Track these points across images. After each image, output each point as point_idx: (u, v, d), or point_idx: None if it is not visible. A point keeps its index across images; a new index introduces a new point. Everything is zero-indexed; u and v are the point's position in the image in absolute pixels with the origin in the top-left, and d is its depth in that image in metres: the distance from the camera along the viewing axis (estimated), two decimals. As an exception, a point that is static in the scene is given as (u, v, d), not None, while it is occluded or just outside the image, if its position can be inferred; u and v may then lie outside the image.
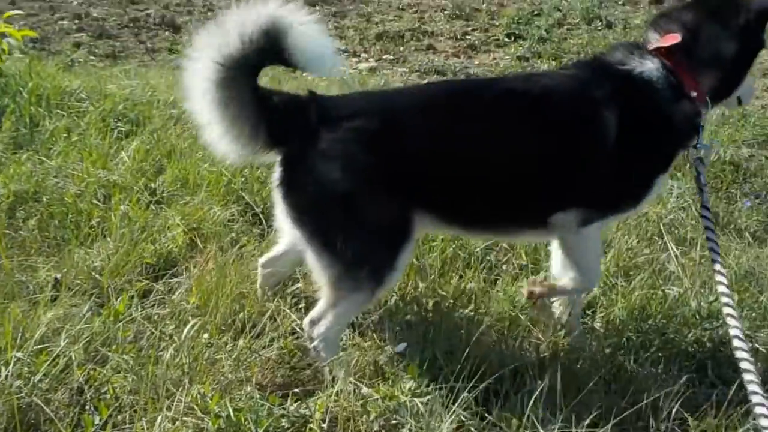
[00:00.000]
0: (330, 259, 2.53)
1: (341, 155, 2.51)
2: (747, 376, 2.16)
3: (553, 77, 2.96)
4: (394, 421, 2.26)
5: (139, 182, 3.86)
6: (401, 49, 8.35)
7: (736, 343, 2.26)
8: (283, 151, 2.58)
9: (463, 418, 2.30)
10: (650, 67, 2.72)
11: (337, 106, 2.65)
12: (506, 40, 8.88)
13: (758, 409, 2.05)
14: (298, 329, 2.81)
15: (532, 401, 2.30)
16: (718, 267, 2.49)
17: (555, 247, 3.03)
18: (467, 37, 8.95)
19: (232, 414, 2.13)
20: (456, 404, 2.27)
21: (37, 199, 3.64)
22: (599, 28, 9.47)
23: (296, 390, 2.44)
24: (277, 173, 2.60)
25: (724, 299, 2.39)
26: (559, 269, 2.98)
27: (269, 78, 6.12)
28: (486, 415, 2.36)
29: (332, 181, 2.50)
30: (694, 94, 2.69)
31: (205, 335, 2.64)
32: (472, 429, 2.29)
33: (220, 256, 3.19)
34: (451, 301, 3.06)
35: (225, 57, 2.42)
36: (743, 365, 2.19)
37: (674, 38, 2.73)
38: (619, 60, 2.78)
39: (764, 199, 4.37)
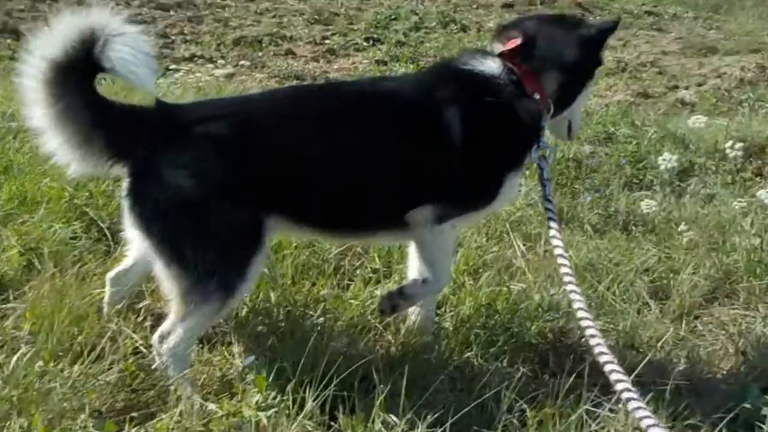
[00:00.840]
0: (179, 270, 2.47)
1: (189, 162, 2.47)
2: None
3: (398, 80, 3.05)
4: (238, 438, 2.22)
5: (-30, 201, 3.61)
6: (260, 54, 8.25)
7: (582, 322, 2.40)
8: (130, 162, 2.51)
9: (309, 428, 2.29)
10: (491, 66, 2.82)
11: (183, 113, 2.61)
12: (365, 44, 8.97)
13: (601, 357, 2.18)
14: (142, 348, 2.71)
15: (377, 405, 2.32)
16: (559, 251, 2.61)
17: (412, 252, 3.08)
18: (326, 41, 8.97)
19: (61, 445, 2.02)
20: (302, 414, 2.25)
21: None
22: (455, 31, 9.76)
23: (134, 414, 2.34)
24: (124, 183, 2.53)
25: (567, 279, 2.51)
26: (416, 275, 3.04)
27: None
28: (332, 423, 2.36)
29: (180, 188, 2.45)
30: (537, 96, 2.80)
31: (39, 363, 2.49)
32: (318, 438, 2.29)
33: (58, 277, 3.03)
34: (302, 309, 3.04)
35: (50, 62, 2.36)
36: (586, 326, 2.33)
37: (515, 42, 2.85)
38: (463, 62, 2.88)
39: (603, 194, 4.62)
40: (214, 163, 2.48)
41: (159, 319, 2.84)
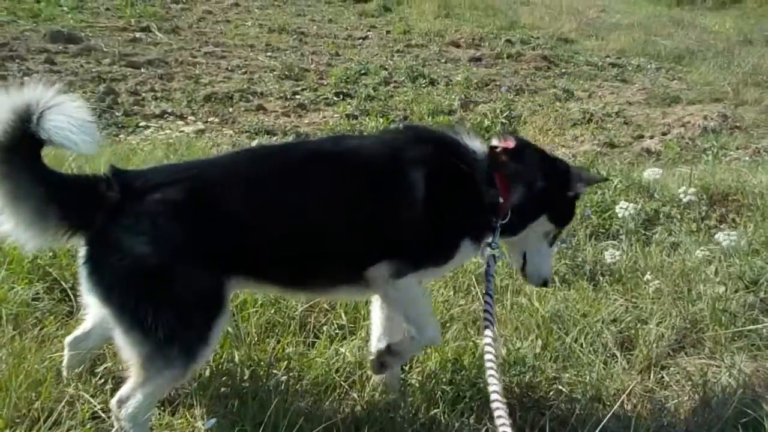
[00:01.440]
0: (139, 338, 2.43)
1: (146, 229, 2.45)
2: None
3: (363, 138, 3.06)
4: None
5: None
6: (230, 110, 8.27)
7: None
8: (87, 232, 2.48)
9: (270, 493, 2.25)
10: (478, 145, 2.93)
11: (139, 179, 2.58)
12: (335, 98, 9.03)
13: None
14: (101, 413, 2.66)
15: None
16: (488, 341, 2.61)
17: (375, 309, 3.08)
18: (297, 96, 9.01)
19: None
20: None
21: None
22: (423, 85, 9.89)
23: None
24: (81, 252, 2.50)
25: (489, 364, 2.51)
26: (379, 331, 3.05)
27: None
28: (293, 487, 2.32)
29: (138, 256, 2.42)
30: (502, 200, 2.87)
31: (-6, 432, 2.43)
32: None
33: (18, 341, 2.98)
34: (266, 368, 3.00)
35: None
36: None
37: (509, 144, 2.95)
38: (454, 131, 2.98)
39: (570, 244, 4.65)
40: (172, 229, 2.47)
41: (120, 381, 2.79)
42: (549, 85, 10.56)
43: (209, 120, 7.85)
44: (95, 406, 2.66)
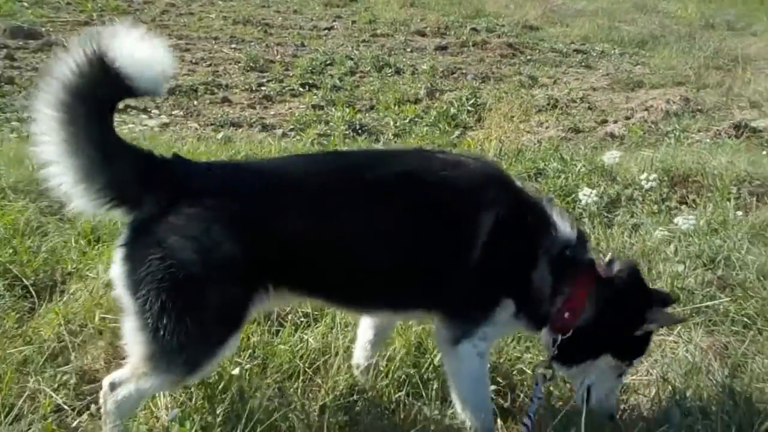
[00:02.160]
0: (150, 338, 2.34)
1: (196, 235, 2.33)
2: None
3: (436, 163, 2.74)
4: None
5: None
6: (195, 103, 8.22)
7: None
8: (134, 213, 2.38)
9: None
10: (566, 227, 2.72)
11: (201, 177, 2.50)
12: (301, 89, 9.01)
13: None
14: (64, 406, 2.66)
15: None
16: None
17: (362, 329, 3.09)
18: (262, 88, 8.98)
19: None
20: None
21: None
22: (390, 74, 9.89)
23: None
24: (123, 233, 2.39)
25: None
26: (363, 352, 3.06)
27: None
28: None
29: (180, 261, 2.30)
30: (567, 314, 2.67)
31: (-47, 427, 2.42)
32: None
33: (-24, 340, 2.96)
34: (230, 358, 3.00)
35: (65, 85, 2.23)
36: None
37: (605, 261, 2.84)
38: (542, 198, 2.85)
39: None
40: (223, 239, 2.34)
41: (84, 376, 2.82)
42: (514, 72, 10.62)
43: (173, 113, 7.80)
44: (57, 399, 2.65)
